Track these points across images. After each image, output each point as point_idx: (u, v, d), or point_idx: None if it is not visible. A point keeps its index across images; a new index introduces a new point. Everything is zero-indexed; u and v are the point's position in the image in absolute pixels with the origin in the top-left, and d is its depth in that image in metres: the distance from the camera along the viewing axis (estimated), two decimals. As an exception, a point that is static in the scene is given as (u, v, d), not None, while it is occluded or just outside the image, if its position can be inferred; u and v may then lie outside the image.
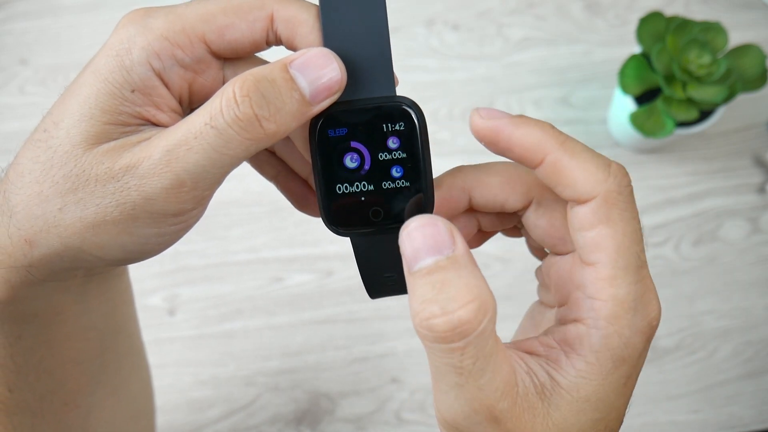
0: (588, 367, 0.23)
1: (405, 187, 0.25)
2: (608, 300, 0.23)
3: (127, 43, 0.23)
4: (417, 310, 0.21)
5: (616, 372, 0.23)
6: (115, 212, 0.23)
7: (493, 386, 0.21)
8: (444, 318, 0.20)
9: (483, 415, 0.22)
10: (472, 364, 0.21)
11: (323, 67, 0.23)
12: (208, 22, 0.23)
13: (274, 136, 0.22)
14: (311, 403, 0.57)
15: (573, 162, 0.23)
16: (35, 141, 0.24)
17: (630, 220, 0.23)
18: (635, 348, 0.23)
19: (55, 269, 0.25)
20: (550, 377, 0.23)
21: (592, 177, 0.22)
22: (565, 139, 0.23)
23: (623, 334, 0.23)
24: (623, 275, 0.23)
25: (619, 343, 0.23)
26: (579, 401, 0.23)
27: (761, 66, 0.55)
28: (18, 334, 0.27)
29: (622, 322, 0.23)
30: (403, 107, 0.24)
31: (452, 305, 0.20)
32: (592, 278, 0.23)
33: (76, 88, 0.24)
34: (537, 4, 0.69)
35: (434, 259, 0.21)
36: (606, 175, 0.23)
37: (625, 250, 0.23)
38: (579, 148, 0.23)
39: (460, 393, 0.22)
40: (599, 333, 0.23)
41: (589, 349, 0.23)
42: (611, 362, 0.23)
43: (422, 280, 0.21)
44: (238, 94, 0.22)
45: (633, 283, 0.23)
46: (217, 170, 0.22)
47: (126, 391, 0.36)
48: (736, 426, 0.57)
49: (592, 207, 0.23)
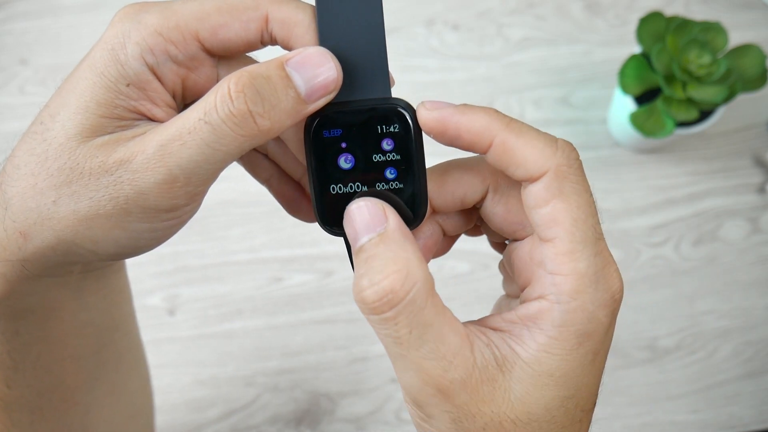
0: (550, 342, 0.23)
1: (399, 188, 0.25)
2: (569, 274, 0.23)
3: (122, 38, 0.23)
4: (353, 286, 0.22)
5: (580, 348, 0.23)
6: (108, 206, 0.23)
7: (437, 355, 0.22)
8: (371, 289, 0.22)
9: (432, 387, 0.22)
10: (408, 333, 0.22)
11: (319, 66, 0.23)
12: (201, 20, 0.23)
13: (268, 133, 0.22)
14: (311, 403, 0.57)
15: (520, 141, 0.23)
16: (31, 133, 0.24)
17: (582, 192, 0.23)
18: (600, 322, 0.23)
19: (49, 263, 0.24)
20: (511, 350, 0.23)
21: (540, 153, 0.23)
22: (509, 121, 0.23)
23: (586, 309, 0.23)
24: (582, 248, 0.23)
25: (583, 317, 0.23)
26: (542, 376, 0.23)
27: (761, 66, 0.55)
28: (15, 330, 0.27)
29: (584, 297, 0.23)
30: (398, 109, 0.24)
31: (377, 276, 0.22)
32: (552, 254, 0.23)
33: (72, 81, 0.24)
34: (537, 4, 0.69)
35: (368, 237, 0.23)
36: (554, 150, 0.23)
37: (582, 223, 0.23)
38: (525, 128, 0.23)
39: (406, 364, 0.22)
40: (561, 308, 0.23)
41: (551, 323, 0.23)
42: (575, 337, 0.23)
43: (358, 258, 0.23)
44: (233, 90, 0.22)
45: (592, 256, 0.23)
46: (210, 166, 0.22)
47: (125, 388, 0.36)
48: (736, 426, 0.57)
49: (544, 183, 0.23)
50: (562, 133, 0.64)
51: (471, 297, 0.60)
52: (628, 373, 0.58)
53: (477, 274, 0.60)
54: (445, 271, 0.60)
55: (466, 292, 0.60)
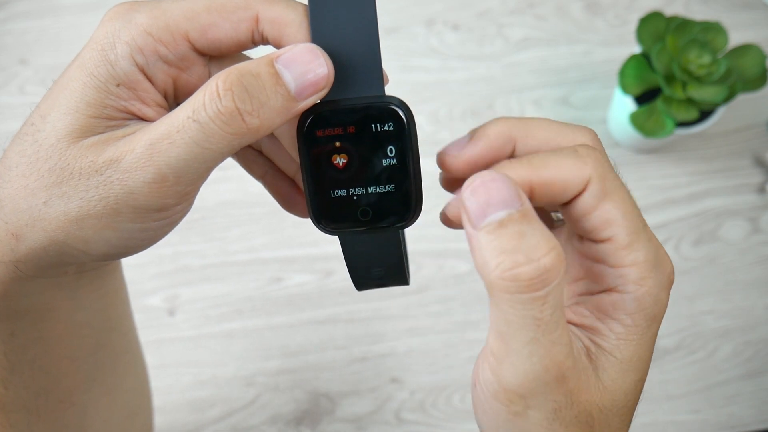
0: (626, 330, 0.24)
1: (393, 187, 0.25)
2: (632, 265, 0.23)
3: (111, 38, 0.23)
4: (497, 262, 0.21)
5: (649, 330, 0.24)
6: (99, 206, 0.23)
7: (563, 341, 0.22)
8: (530, 266, 0.20)
9: (553, 373, 0.22)
10: (550, 315, 0.21)
11: (310, 63, 0.23)
12: (191, 20, 0.23)
13: (257, 132, 0.22)
14: (311, 403, 0.57)
15: (551, 172, 0.23)
16: (23, 135, 0.24)
17: (621, 186, 0.24)
18: (663, 303, 0.24)
19: (42, 264, 0.24)
20: (592, 341, 0.24)
21: (576, 173, 0.23)
22: (531, 158, 0.23)
23: (652, 293, 0.24)
24: (637, 239, 0.23)
25: (651, 301, 0.24)
26: (623, 362, 0.24)
27: (761, 66, 0.55)
28: (10, 331, 0.27)
29: (649, 282, 0.23)
30: (392, 107, 0.24)
31: (537, 253, 0.20)
32: (611, 251, 0.23)
33: (63, 81, 0.24)
34: (537, 4, 0.69)
35: (506, 212, 0.21)
36: (583, 162, 0.23)
37: (630, 215, 0.23)
38: (546, 158, 0.23)
39: (534, 349, 0.22)
40: (631, 296, 0.23)
41: (624, 312, 0.24)
42: (645, 321, 0.24)
43: (497, 233, 0.21)
44: (221, 87, 0.21)
45: (647, 243, 0.24)
46: (199, 165, 0.22)
47: (122, 388, 0.35)
48: (736, 426, 0.57)
49: (591, 191, 0.23)
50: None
51: (471, 297, 0.60)
52: (628, 373, 0.58)
53: (477, 274, 0.60)
54: (445, 271, 0.60)
55: (466, 292, 0.60)
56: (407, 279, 0.28)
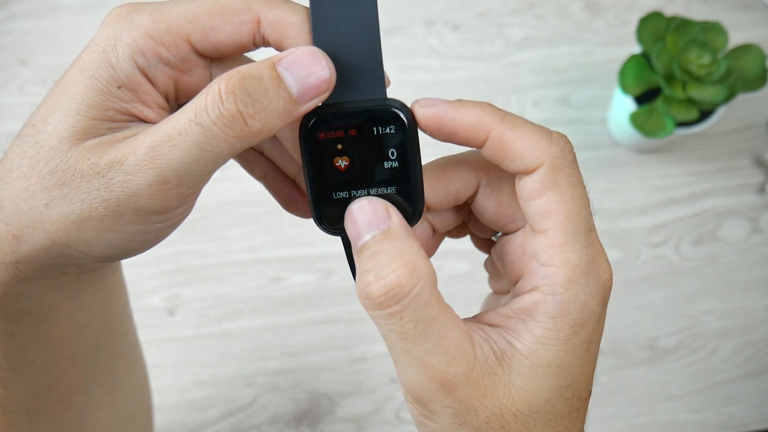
0: (546, 333, 0.23)
1: (395, 189, 0.25)
2: (562, 265, 0.23)
3: (113, 40, 0.23)
4: (358, 282, 0.22)
5: (575, 337, 0.23)
6: (100, 208, 0.23)
7: (441, 350, 0.22)
8: (377, 284, 0.22)
9: (436, 382, 0.22)
10: (414, 328, 0.22)
11: (311, 66, 0.23)
12: (192, 22, 0.23)
13: (259, 135, 0.22)
14: (311, 403, 0.57)
15: (516, 134, 0.23)
16: (23, 136, 0.24)
17: (576, 185, 0.23)
18: (592, 311, 0.23)
19: (42, 266, 0.24)
20: (509, 344, 0.24)
21: (536, 146, 0.23)
22: (504, 114, 0.24)
23: (579, 299, 0.23)
24: (574, 240, 0.23)
25: (576, 307, 0.23)
26: (540, 367, 0.23)
27: (761, 66, 0.55)
28: (11, 332, 0.27)
29: (577, 287, 0.23)
30: (394, 110, 0.24)
31: (384, 271, 0.22)
32: (545, 246, 0.23)
33: (63, 83, 0.24)
34: (537, 4, 0.69)
35: (372, 234, 0.23)
36: (549, 143, 0.23)
37: (575, 215, 0.23)
38: (520, 121, 0.24)
39: (410, 360, 0.22)
40: (555, 299, 0.23)
41: (545, 315, 0.23)
42: (569, 327, 0.23)
43: (361, 255, 0.23)
44: (223, 90, 0.21)
45: (584, 247, 0.23)
46: (201, 167, 0.22)
47: (122, 389, 0.35)
48: (736, 426, 0.57)
49: (539, 175, 0.23)
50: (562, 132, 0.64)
51: (471, 297, 0.59)
52: (628, 373, 0.58)
53: (477, 274, 0.60)
54: (445, 271, 0.60)
55: (466, 292, 0.60)
56: None
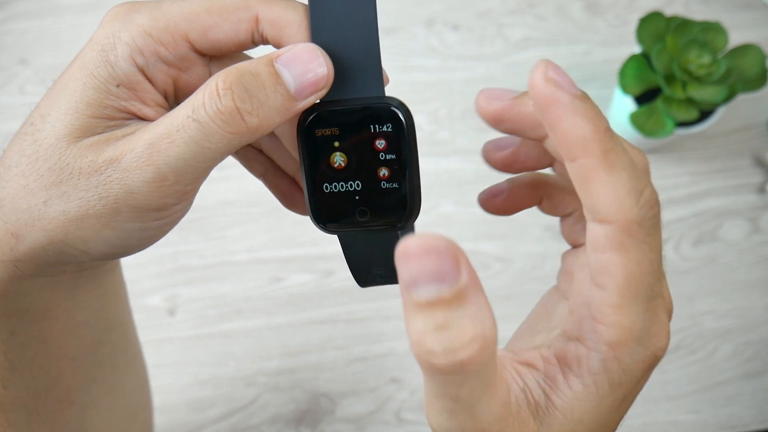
0: (585, 390, 0.22)
1: (391, 188, 0.25)
2: (612, 326, 0.21)
3: (111, 38, 0.23)
4: (416, 341, 0.19)
5: (611, 395, 0.22)
6: (98, 206, 0.23)
7: (487, 413, 0.21)
8: (445, 359, 0.18)
9: (470, 430, 0.21)
10: (469, 395, 0.20)
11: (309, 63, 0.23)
12: (191, 21, 0.23)
13: (256, 131, 0.22)
14: (311, 403, 0.57)
15: (606, 178, 0.20)
16: (22, 134, 0.24)
17: (647, 252, 0.21)
18: (633, 375, 0.22)
19: (41, 263, 0.24)
20: (545, 396, 0.22)
21: (617, 201, 0.20)
22: (610, 149, 0.20)
23: (623, 361, 0.22)
24: (630, 305, 0.21)
25: (618, 368, 0.22)
26: (572, 422, 0.22)
27: (761, 66, 0.55)
28: (10, 330, 0.27)
29: (623, 350, 0.22)
30: (391, 108, 0.24)
31: (455, 345, 0.18)
32: (599, 301, 0.22)
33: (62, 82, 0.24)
34: (537, 4, 0.69)
35: (436, 290, 0.18)
36: (633, 204, 0.20)
37: (636, 282, 0.21)
38: (619, 165, 0.20)
39: (453, 417, 0.21)
40: (599, 357, 0.22)
41: (587, 371, 0.22)
42: (608, 386, 0.22)
43: (422, 313, 0.18)
44: (220, 87, 0.21)
45: (640, 314, 0.21)
46: (199, 164, 0.22)
47: (122, 388, 0.35)
48: (736, 426, 0.57)
49: (607, 231, 0.21)
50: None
51: (471, 297, 0.59)
52: (628, 373, 0.58)
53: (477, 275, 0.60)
54: (445, 271, 0.60)
55: (466, 292, 0.60)
56: None
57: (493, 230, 0.61)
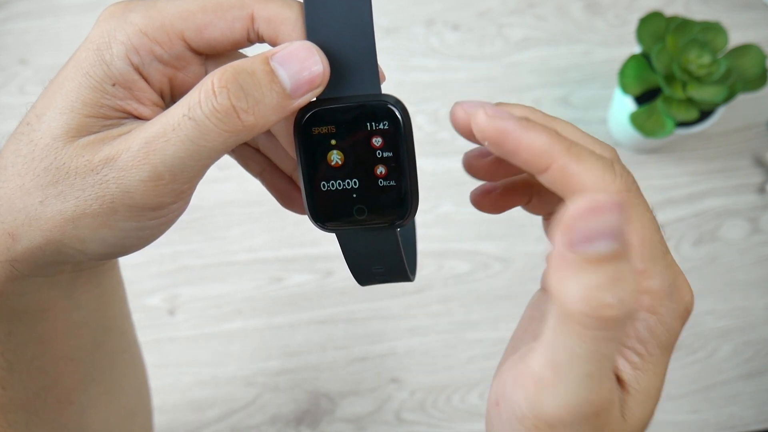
0: (641, 359, 0.23)
1: (389, 186, 0.25)
2: (645, 292, 0.23)
3: (107, 37, 0.23)
4: (588, 297, 0.19)
5: (662, 359, 0.23)
6: (95, 205, 0.23)
7: (612, 376, 0.22)
8: (621, 309, 0.19)
9: (594, 407, 0.21)
10: (613, 352, 0.20)
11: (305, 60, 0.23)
12: (186, 19, 0.23)
13: (252, 129, 0.22)
14: (311, 403, 0.57)
15: (580, 167, 0.22)
16: (18, 134, 0.24)
17: (644, 212, 0.23)
18: (676, 333, 0.23)
19: (38, 263, 0.24)
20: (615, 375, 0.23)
21: (600, 181, 0.22)
22: (570, 144, 0.22)
23: (665, 322, 0.23)
24: (652, 266, 0.23)
25: (663, 330, 0.23)
26: (641, 393, 0.23)
27: (761, 66, 0.55)
28: (8, 331, 0.27)
29: (662, 311, 0.23)
30: (388, 106, 0.24)
31: (628, 296, 0.19)
32: None
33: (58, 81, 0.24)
34: (537, 4, 0.69)
35: (610, 246, 0.19)
36: (613, 177, 0.22)
37: (648, 242, 0.23)
38: (584, 153, 0.22)
39: (587, 384, 0.21)
40: (643, 324, 0.23)
41: (638, 340, 0.23)
42: (659, 350, 0.23)
43: (594, 267, 0.19)
44: (216, 85, 0.21)
45: (662, 271, 0.23)
46: (195, 163, 0.22)
47: (121, 388, 0.35)
48: (736, 426, 0.57)
49: None
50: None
51: (471, 297, 0.60)
52: (628, 373, 0.58)
53: (477, 274, 0.60)
54: (445, 271, 0.60)
55: (466, 292, 0.60)
56: (409, 276, 0.28)
57: (493, 230, 0.61)
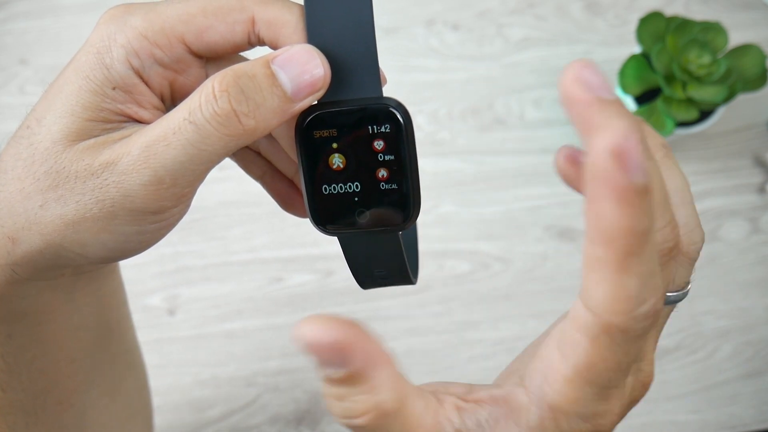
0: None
1: (391, 189, 0.25)
2: (557, 393, 0.20)
3: (107, 41, 0.23)
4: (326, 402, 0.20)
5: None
6: (95, 209, 0.23)
7: None
8: (345, 422, 0.20)
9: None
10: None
11: (306, 64, 0.23)
12: (187, 23, 0.23)
13: (253, 133, 0.22)
14: (311, 403, 0.57)
15: (613, 276, 0.18)
16: (18, 138, 0.24)
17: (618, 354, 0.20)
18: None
19: (38, 267, 0.24)
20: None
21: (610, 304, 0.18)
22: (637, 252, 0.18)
23: (561, 427, 0.21)
24: (582, 386, 0.20)
25: (555, 430, 0.21)
26: None
27: (761, 66, 0.55)
28: (8, 333, 0.27)
29: (562, 418, 0.21)
30: (389, 109, 0.24)
31: (351, 413, 0.20)
32: (555, 364, 0.21)
33: (58, 85, 0.24)
34: (537, 4, 0.69)
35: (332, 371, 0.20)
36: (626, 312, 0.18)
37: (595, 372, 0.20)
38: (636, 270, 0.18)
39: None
40: (537, 413, 0.21)
41: (525, 423, 0.21)
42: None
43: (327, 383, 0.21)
44: (216, 89, 0.21)
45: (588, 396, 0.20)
46: (196, 167, 0.22)
47: (121, 390, 0.35)
48: (736, 426, 0.57)
49: (587, 319, 0.19)
50: (562, 132, 0.64)
51: (471, 297, 0.60)
52: (628, 373, 0.58)
53: (477, 274, 0.60)
54: (445, 271, 0.60)
55: (466, 292, 0.60)
56: (411, 279, 0.28)
57: (493, 230, 0.61)
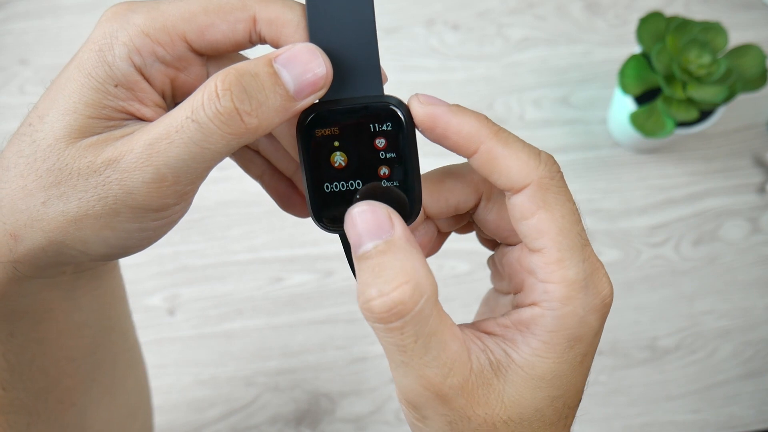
0: (543, 346, 0.23)
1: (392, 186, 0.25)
2: (559, 282, 0.23)
3: (109, 38, 0.23)
4: (359, 293, 0.22)
5: (571, 351, 0.24)
6: (97, 206, 0.23)
7: (438, 363, 0.22)
8: (380, 300, 0.21)
9: (432, 392, 0.23)
10: (414, 343, 0.22)
11: (308, 63, 0.23)
12: (188, 21, 0.23)
13: (256, 131, 0.22)
14: (311, 403, 0.57)
15: (506, 151, 0.23)
16: (20, 135, 0.24)
17: (565, 202, 0.24)
18: (590, 326, 0.24)
19: (40, 264, 0.24)
20: (506, 354, 0.24)
21: (524, 165, 0.23)
22: (498, 130, 0.24)
23: (577, 314, 0.23)
24: (570, 256, 0.23)
25: (574, 322, 0.23)
26: (534, 378, 0.23)
27: (761, 66, 0.55)
28: (9, 332, 0.27)
29: (575, 302, 0.23)
30: (391, 107, 0.24)
31: (387, 287, 0.21)
32: (541, 263, 0.23)
33: (60, 82, 0.24)
34: (537, 4, 0.69)
35: (373, 243, 0.22)
36: (537, 163, 0.23)
37: (567, 232, 0.23)
38: (512, 139, 0.24)
39: (408, 371, 0.23)
40: (553, 314, 0.23)
41: (543, 329, 0.23)
42: (566, 341, 0.23)
43: (363, 265, 0.22)
44: (219, 87, 0.21)
45: (581, 262, 0.23)
46: (198, 165, 0.22)
47: (121, 388, 0.35)
48: (736, 426, 0.57)
49: (528, 194, 0.23)
50: (562, 132, 0.64)
51: (471, 297, 0.60)
52: (628, 373, 0.58)
53: (477, 274, 0.60)
54: (445, 271, 0.60)
55: (466, 292, 0.60)
56: None
57: (493, 230, 0.61)
